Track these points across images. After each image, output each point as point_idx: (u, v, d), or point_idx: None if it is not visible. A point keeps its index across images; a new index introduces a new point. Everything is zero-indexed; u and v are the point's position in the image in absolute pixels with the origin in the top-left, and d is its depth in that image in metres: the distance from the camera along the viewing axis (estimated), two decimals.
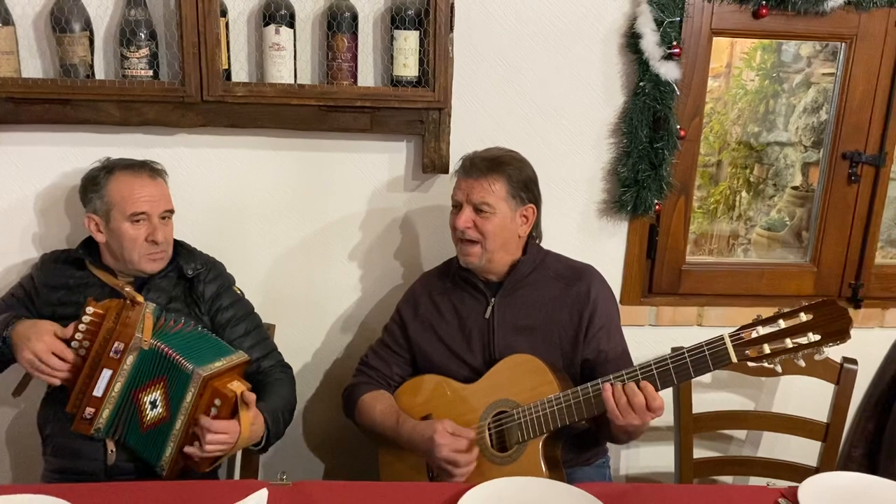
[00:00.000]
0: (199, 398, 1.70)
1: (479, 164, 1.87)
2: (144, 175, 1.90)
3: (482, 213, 1.86)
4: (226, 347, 1.84)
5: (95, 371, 1.73)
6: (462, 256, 1.92)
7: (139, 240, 1.86)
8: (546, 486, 1.61)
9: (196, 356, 1.74)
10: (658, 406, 1.62)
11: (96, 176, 1.89)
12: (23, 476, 2.38)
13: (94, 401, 1.74)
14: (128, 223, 1.85)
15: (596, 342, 1.88)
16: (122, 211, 1.85)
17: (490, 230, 1.86)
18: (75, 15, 1.96)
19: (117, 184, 1.87)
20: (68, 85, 1.98)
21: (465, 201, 1.87)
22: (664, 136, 2.17)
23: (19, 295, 1.97)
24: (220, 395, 1.70)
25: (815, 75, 2.71)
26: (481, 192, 1.85)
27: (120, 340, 1.73)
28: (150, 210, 1.86)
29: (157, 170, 1.94)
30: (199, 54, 1.98)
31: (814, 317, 1.51)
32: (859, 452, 2.48)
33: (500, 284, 1.93)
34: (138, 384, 1.75)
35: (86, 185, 1.91)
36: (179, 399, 1.71)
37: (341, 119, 2.09)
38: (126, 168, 1.90)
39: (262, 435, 1.77)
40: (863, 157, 2.32)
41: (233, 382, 1.73)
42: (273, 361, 1.98)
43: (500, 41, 2.15)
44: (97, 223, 1.88)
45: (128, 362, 1.73)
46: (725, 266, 2.49)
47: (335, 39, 2.03)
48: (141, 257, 1.88)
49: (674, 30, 2.11)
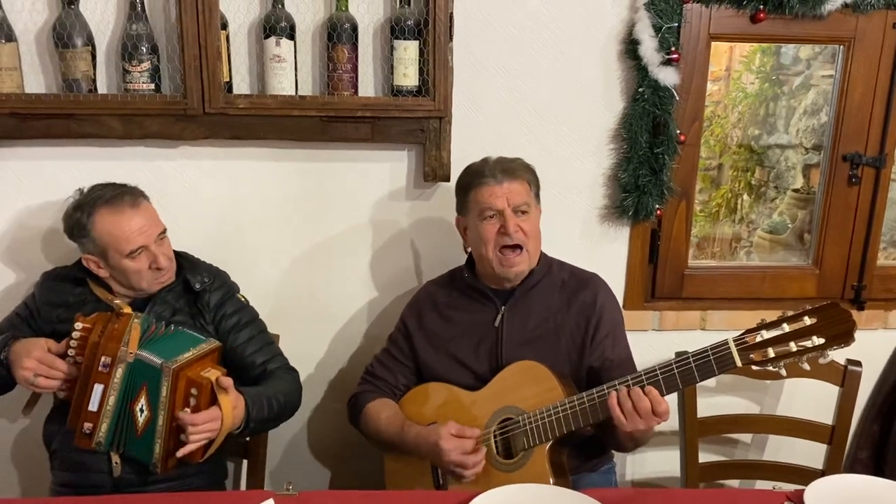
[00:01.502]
0: (174, 391, 1.68)
1: (509, 167, 1.87)
2: (125, 207, 1.83)
3: (524, 215, 1.86)
4: (196, 337, 1.81)
5: (88, 385, 1.73)
6: (507, 268, 1.87)
7: (144, 270, 1.85)
8: (552, 492, 1.61)
9: (164, 351, 1.72)
10: (663, 410, 1.61)
11: (79, 219, 1.83)
12: (31, 490, 2.38)
13: (91, 416, 1.74)
14: (127, 259, 1.83)
15: (601, 349, 1.88)
16: (119, 250, 1.82)
17: (531, 230, 1.87)
18: (77, 30, 1.97)
19: (103, 224, 1.82)
20: (71, 100, 1.99)
21: (506, 206, 1.85)
22: (664, 141, 2.18)
23: (23, 314, 1.97)
24: (194, 384, 1.68)
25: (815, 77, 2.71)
26: (522, 194, 1.86)
27: (107, 354, 1.72)
28: (145, 242, 1.84)
29: (136, 194, 1.88)
30: (201, 67, 1.99)
31: (818, 320, 1.51)
32: (865, 455, 2.47)
33: (509, 293, 1.93)
34: (132, 396, 1.74)
35: (71, 230, 1.87)
36: (156, 395, 1.70)
37: (342, 129, 2.10)
38: (106, 204, 1.83)
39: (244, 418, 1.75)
40: (863, 159, 2.32)
41: (206, 370, 1.70)
42: (278, 364, 1.97)
43: (500, 49, 2.16)
44: (96, 262, 1.87)
45: (117, 376, 1.73)
46: (728, 269, 2.48)
47: (335, 50, 2.04)
48: (150, 283, 1.88)
49: (672, 35, 2.12)
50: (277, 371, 1.95)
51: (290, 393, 1.91)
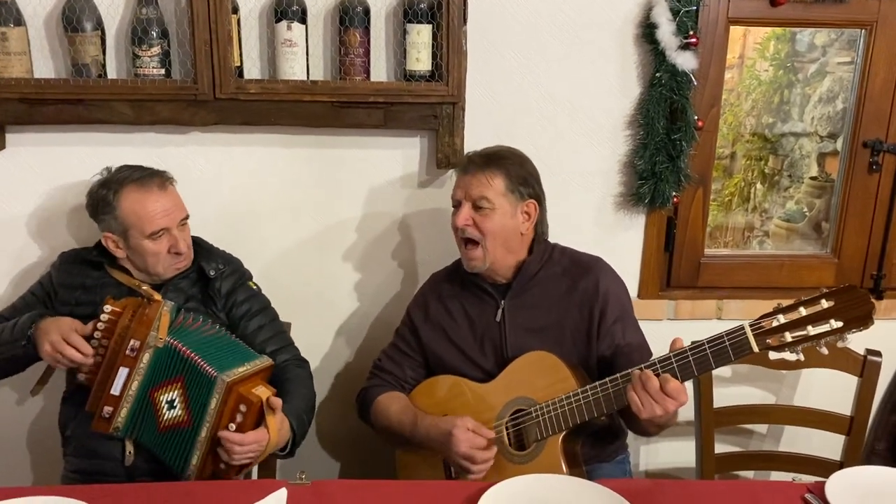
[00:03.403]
0: (223, 404, 1.68)
1: (476, 160, 1.86)
2: (154, 188, 1.85)
3: (481, 210, 1.82)
4: (249, 352, 1.82)
5: (113, 369, 1.73)
6: (465, 261, 1.88)
7: (162, 253, 1.85)
8: (568, 483, 1.58)
9: (217, 360, 1.73)
10: (673, 388, 1.55)
11: (105, 196, 1.84)
12: (43, 476, 2.38)
13: (112, 399, 1.74)
14: (148, 240, 1.83)
15: (611, 337, 1.85)
16: (141, 230, 1.82)
17: (489, 228, 1.82)
18: (87, 14, 1.95)
19: (129, 202, 1.83)
20: (80, 85, 1.98)
21: (463, 198, 1.84)
22: (682, 127, 2.14)
23: (39, 294, 1.97)
24: (245, 400, 1.68)
25: (831, 64, 2.67)
26: (479, 187, 1.82)
27: (135, 338, 1.73)
28: (168, 224, 1.84)
29: (166, 178, 1.90)
30: (211, 52, 1.97)
31: (835, 303, 1.48)
32: (883, 446, 2.45)
33: (508, 286, 1.90)
34: (155, 383, 1.74)
35: (95, 206, 1.87)
36: (203, 405, 1.70)
37: (354, 115, 2.08)
38: (134, 183, 1.84)
39: (289, 439, 1.76)
40: (884, 146, 2.28)
41: (257, 387, 1.71)
42: (289, 356, 1.97)
43: (514, 33, 2.13)
44: (115, 241, 1.86)
45: (144, 360, 1.73)
46: (745, 258, 2.46)
47: (347, 35, 2.01)
48: (166, 269, 1.88)
49: (690, 19, 2.08)
50: (290, 366, 1.94)
51: (312, 393, 1.93)
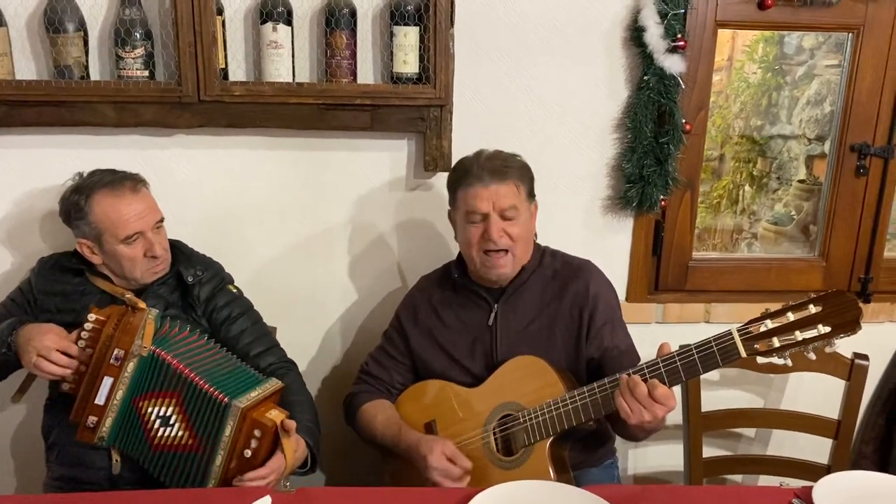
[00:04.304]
0: (238, 432, 1.65)
1: (498, 169, 1.79)
2: (126, 191, 1.81)
3: (509, 220, 1.80)
4: (251, 373, 1.78)
5: (97, 378, 1.70)
6: (491, 270, 1.82)
7: (138, 258, 1.83)
8: (554, 489, 1.58)
9: (221, 381, 1.69)
10: (661, 394, 1.55)
11: (76, 201, 1.81)
12: (25, 483, 2.36)
13: (97, 409, 1.71)
14: (122, 245, 1.81)
15: (599, 339, 1.84)
16: (115, 235, 1.80)
17: (519, 234, 1.81)
18: (69, 15, 1.93)
19: (101, 207, 1.80)
20: (63, 87, 1.95)
21: (492, 210, 1.78)
22: (669, 130, 2.14)
23: (19, 300, 1.94)
24: (259, 425, 1.66)
25: (819, 67, 2.68)
26: (509, 197, 1.79)
27: (120, 347, 1.70)
28: (142, 227, 1.81)
29: (138, 181, 1.86)
30: (196, 53, 1.95)
31: (823, 308, 1.47)
32: (870, 449, 2.45)
33: (501, 290, 1.89)
34: (139, 392, 1.71)
35: (68, 212, 1.84)
36: (216, 432, 1.66)
37: (341, 117, 2.06)
38: (106, 187, 1.81)
39: (306, 457, 1.74)
40: (871, 150, 2.28)
41: (270, 411, 1.68)
42: (275, 358, 1.94)
43: (502, 36, 2.12)
44: (90, 247, 1.84)
45: (128, 369, 1.70)
46: (733, 261, 2.46)
47: (334, 36, 2.00)
48: (144, 273, 1.85)
49: (678, 22, 2.08)
50: (278, 369, 1.91)
51: (312, 400, 1.91)
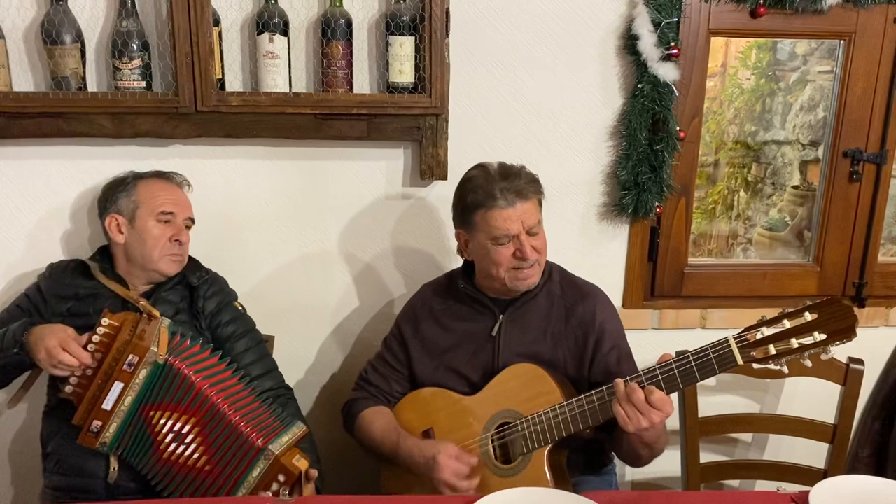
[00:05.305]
0: (265, 475, 1.70)
1: (521, 189, 1.78)
2: (173, 182, 1.98)
3: (535, 235, 1.81)
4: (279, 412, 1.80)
5: (106, 383, 1.70)
6: (522, 282, 1.82)
7: (163, 238, 1.88)
8: (554, 496, 1.58)
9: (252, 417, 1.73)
10: (657, 399, 1.56)
11: (125, 178, 1.95)
12: (23, 492, 2.35)
13: (103, 414, 1.71)
14: (154, 221, 1.88)
15: (605, 364, 1.84)
16: (151, 208, 1.89)
17: (542, 245, 1.83)
18: (66, 27, 1.94)
19: (147, 185, 1.93)
20: (60, 98, 1.96)
21: (521, 231, 1.78)
22: (664, 137, 2.15)
23: (25, 306, 1.93)
24: (285, 471, 1.70)
25: (812, 73, 2.69)
26: (535, 214, 1.81)
27: (135, 354, 1.70)
28: (177, 211, 1.92)
29: (186, 182, 2.02)
30: (193, 64, 1.95)
31: (819, 316, 1.49)
32: (866, 453, 2.46)
33: (509, 302, 1.89)
34: (149, 400, 1.72)
35: (112, 186, 1.95)
36: (245, 471, 1.70)
37: (337, 127, 2.07)
38: (155, 175, 1.98)
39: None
40: (864, 156, 2.30)
41: (296, 457, 1.73)
42: (274, 382, 1.96)
43: (497, 45, 2.13)
44: (119, 223, 1.89)
45: (140, 376, 1.70)
46: (728, 267, 2.47)
47: (330, 47, 2.01)
48: (162, 256, 1.88)
49: (671, 30, 2.09)
50: (279, 397, 1.93)
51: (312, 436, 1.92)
